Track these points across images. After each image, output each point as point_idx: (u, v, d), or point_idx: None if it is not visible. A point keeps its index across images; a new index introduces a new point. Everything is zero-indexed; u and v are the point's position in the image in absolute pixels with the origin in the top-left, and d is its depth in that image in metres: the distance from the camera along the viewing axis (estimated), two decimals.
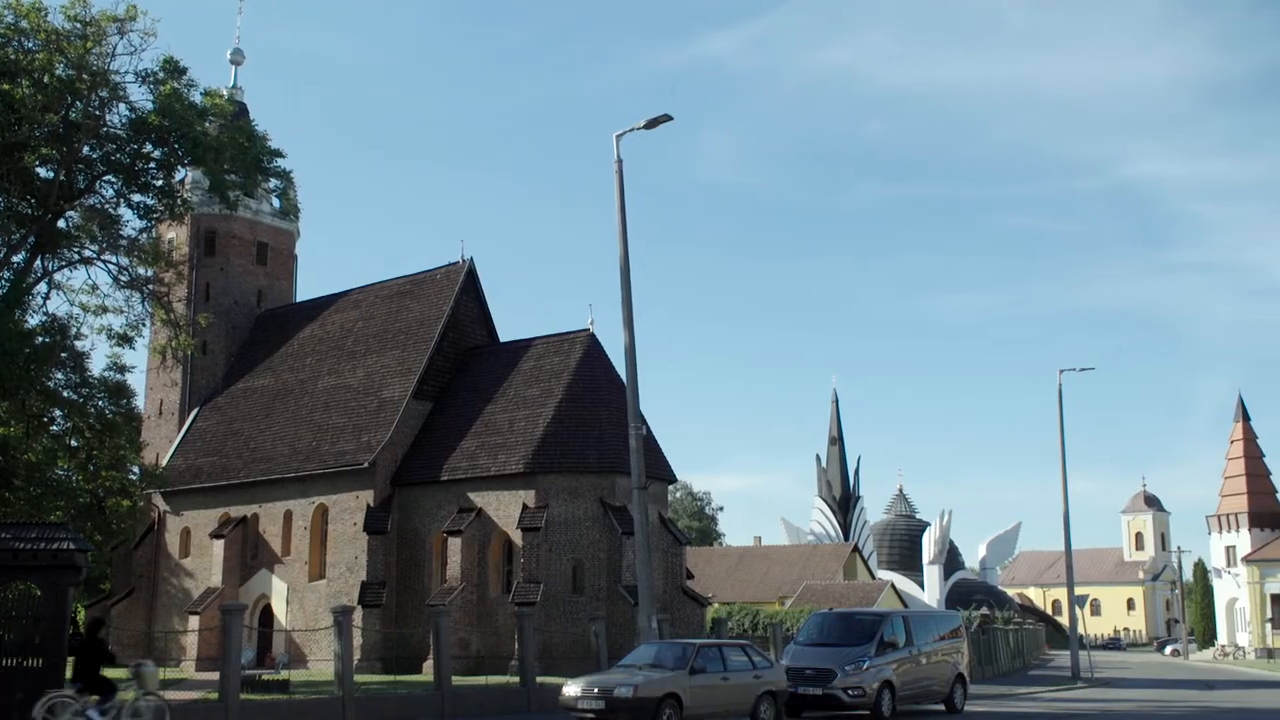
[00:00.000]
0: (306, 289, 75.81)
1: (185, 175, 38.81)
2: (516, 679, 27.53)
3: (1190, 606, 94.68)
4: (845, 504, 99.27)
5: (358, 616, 34.54)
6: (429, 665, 30.29)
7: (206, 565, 45.77)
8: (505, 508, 39.14)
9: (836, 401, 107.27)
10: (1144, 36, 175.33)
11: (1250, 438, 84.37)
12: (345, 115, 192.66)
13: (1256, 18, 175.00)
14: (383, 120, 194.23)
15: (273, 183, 40.11)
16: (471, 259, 46.26)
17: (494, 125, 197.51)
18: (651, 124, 24.62)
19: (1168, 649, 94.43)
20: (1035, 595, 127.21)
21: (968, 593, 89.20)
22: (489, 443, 40.64)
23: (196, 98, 31.60)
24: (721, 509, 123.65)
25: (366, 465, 41.67)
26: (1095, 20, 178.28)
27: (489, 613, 38.85)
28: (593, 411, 39.75)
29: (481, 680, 30.34)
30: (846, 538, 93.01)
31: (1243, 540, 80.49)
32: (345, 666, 22.09)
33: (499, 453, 39.96)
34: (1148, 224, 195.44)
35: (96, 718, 16.24)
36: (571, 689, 20.24)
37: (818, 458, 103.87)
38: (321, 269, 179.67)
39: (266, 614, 44.29)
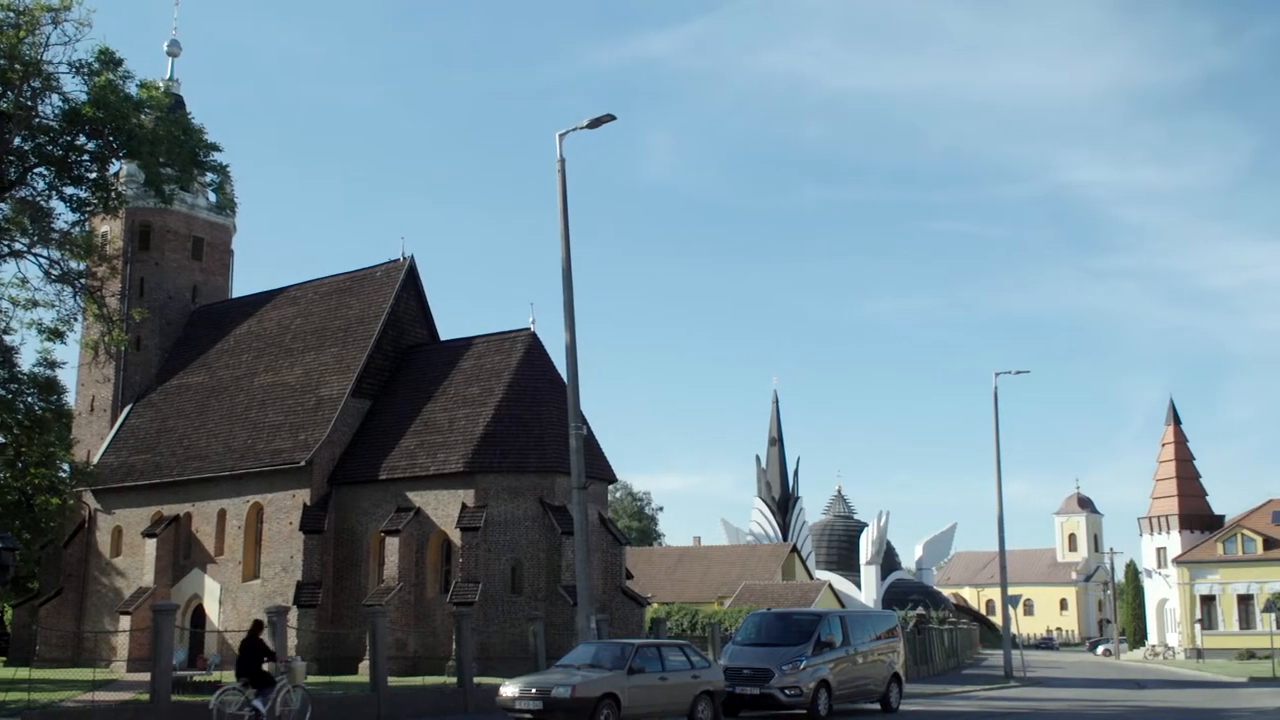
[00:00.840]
0: (243, 285, 74.96)
1: (120, 168, 38.22)
2: (454, 679, 27.36)
3: (1122, 607, 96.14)
4: (784, 504, 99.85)
5: (292, 617, 34.20)
6: (365, 666, 30.01)
7: (138, 564, 45.05)
8: (444, 507, 38.90)
9: (777, 403, 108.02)
10: (1078, 46, 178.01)
11: (1181, 441, 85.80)
12: (284, 110, 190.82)
13: (1186, 29, 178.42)
14: (322, 115, 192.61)
15: (209, 177, 39.62)
16: (412, 256, 45.98)
17: (435, 122, 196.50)
18: (595, 124, 24.55)
19: (1099, 649, 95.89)
20: (970, 595, 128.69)
21: (904, 593, 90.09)
22: (428, 442, 40.37)
23: (132, 89, 31.10)
24: (661, 509, 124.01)
25: (303, 464, 41.21)
26: (1032, 29, 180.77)
27: (427, 613, 38.60)
28: (533, 411, 39.61)
29: (419, 681, 30.15)
30: (785, 538, 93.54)
31: (1173, 542, 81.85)
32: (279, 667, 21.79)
33: (438, 452, 39.71)
34: (1081, 230, 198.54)
35: (260, 706, 19.00)
36: (509, 689, 20.15)
37: (757, 459, 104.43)
38: (259, 265, 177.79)
39: (199, 614, 43.66)
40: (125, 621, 42.34)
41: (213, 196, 51.58)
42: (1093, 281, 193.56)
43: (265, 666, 19.58)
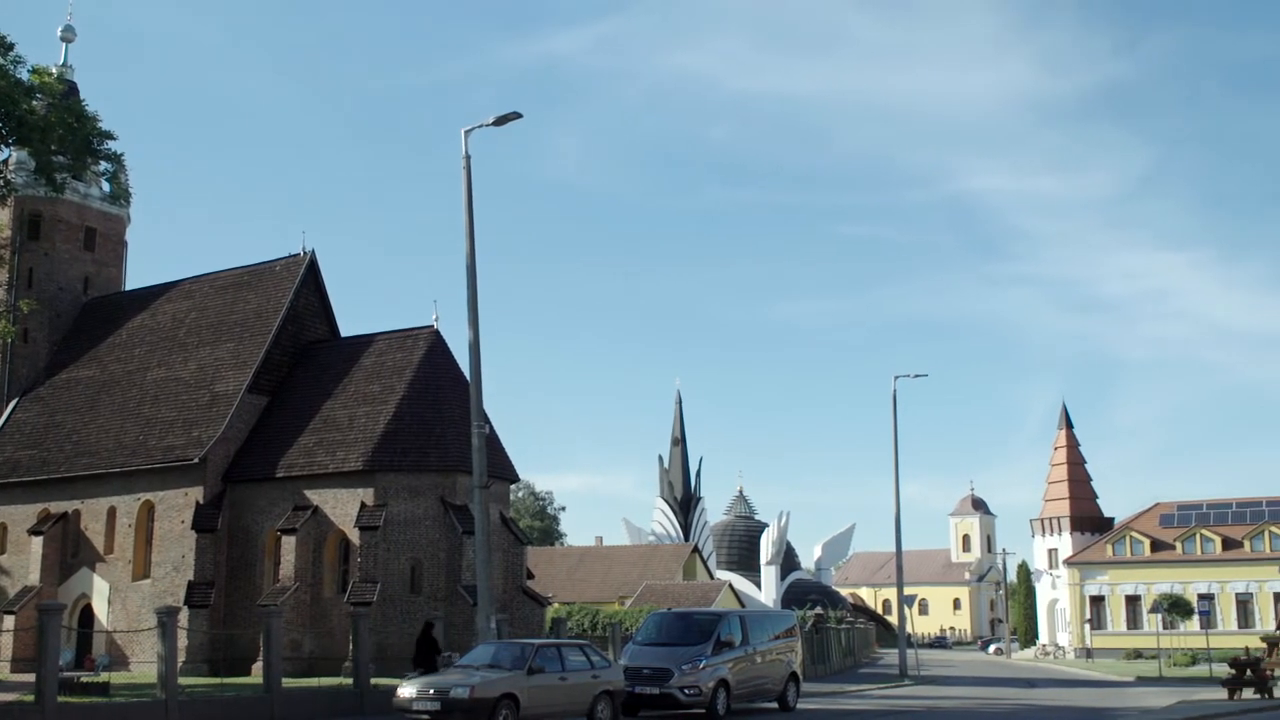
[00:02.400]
0: (137, 277, 73.32)
1: (9, 155, 37.01)
2: (350, 681, 27.02)
3: (1013, 607, 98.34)
4: (686, 505, 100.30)
5: (183, 617, 33.51)
6: (259, 667, 29.49)
7: (24, 563, 43.71)
8: (343, 506, 38.38)
9: (680, 403, 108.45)
10: (979, 55, 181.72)
11: (1073, 444, 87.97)
12: (183, 100, 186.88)
13: (1084, 42, 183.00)
14: (222, 105, 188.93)
15: (103, 166, 38.53)
16: (313, 251, 45.25)
17: (338, 114, 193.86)
18: (500, 121, 24.45)
19: (991, 648, 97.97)
20: (867, 595, 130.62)
21: (803, 592, 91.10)
22: (327, 439, 39.80)
23: (23, 75, 30.15)
24: (564, 509, 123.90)
25: (196, 461, 40.34)
26: (935, 37, 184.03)
27: (323, 613, 38.05)
28: (435, 409, 39.27)
29: (314, 682, 29.72)
30: (687, 538, 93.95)
31: (1064, 543, 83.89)
32: (169, 668, 21.33)
33: (337, 450, 39.17)
34: (980, 236, 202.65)
35: None
36: (406, 690, 19.98)
37: (660, 458, 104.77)
38: (154, 257, 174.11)
39: (87, 614, 42.50)
40: (9, 621, 41.05)
41: (106, 186, 50.19)
42: (991, 287, 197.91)
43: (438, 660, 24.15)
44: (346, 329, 45.93)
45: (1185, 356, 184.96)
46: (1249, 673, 30.10)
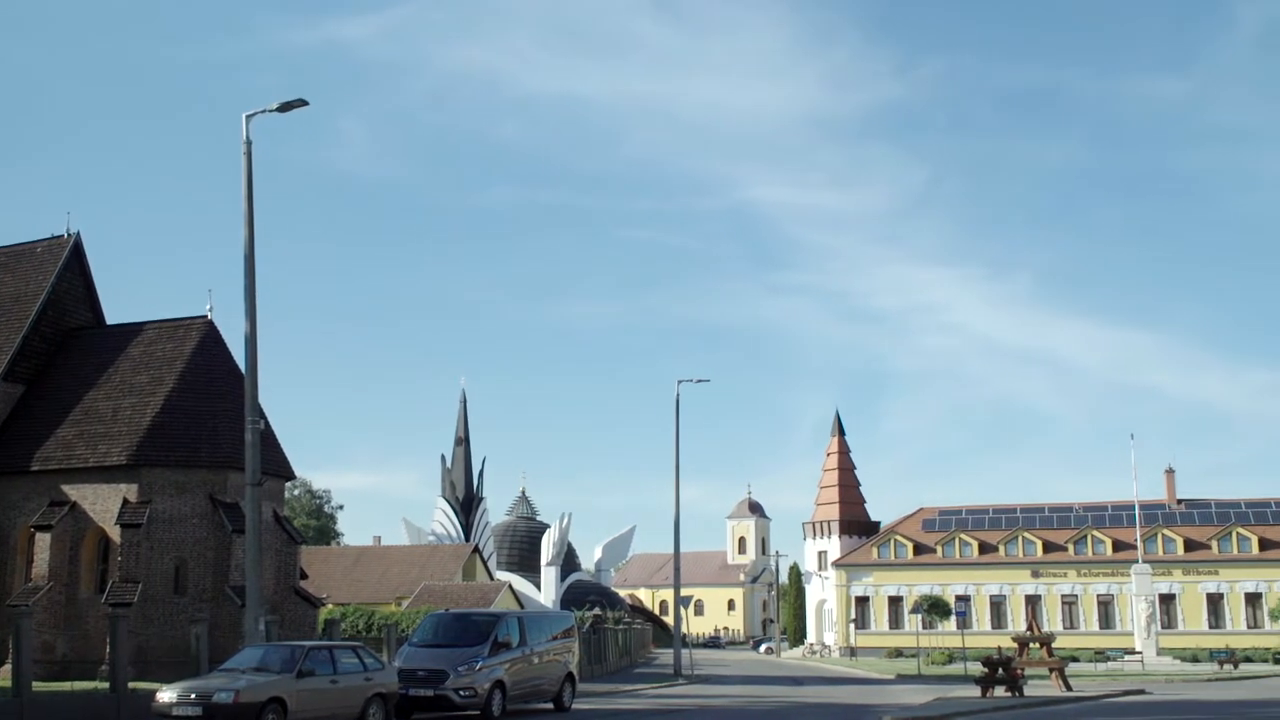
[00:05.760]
0: None
1: None
2: (107, 685, 25.77)
3: (784, 607, 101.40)
4: (468, 505, 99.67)
5: None
6: (9, 670, 27.79)
7: None
8: (104, 502, 36.53)
9: (465, 402, 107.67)
10: (765, 69, 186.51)
11: (844, 451, 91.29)
12: None
13: (863, 63, 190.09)
14: None
15: None
16: (78, 233, 42.83)
17: (108, 91, 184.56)
18: (285, 107, 23.74)
19: (762, 647, 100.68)
20: (646, 596, 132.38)
21: (583, 593, 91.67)
22: (89, 432, 37.84)
23: None
24: (341, 507, 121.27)
25: None
26: (722, 50, 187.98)
27: (79, 614, 36.13)
28: (207, 403, 37.83)
29: (68, 686, 28.23)
30: (468, 539, 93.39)
31: (834, 546, 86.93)
32: None
33: (99, 443, 37.29)
34: (763, 246, 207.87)
35: None
36: (166, 694, 19.16)
37: (443, 458, 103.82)
38: None
39: None
40: None
41: None
42: (772, 296, 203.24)
43: None
44: (115, 317, 43.73)
45: (952, 369, 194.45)
46: (1001, 671, 31.77)
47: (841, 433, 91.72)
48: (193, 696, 18.77)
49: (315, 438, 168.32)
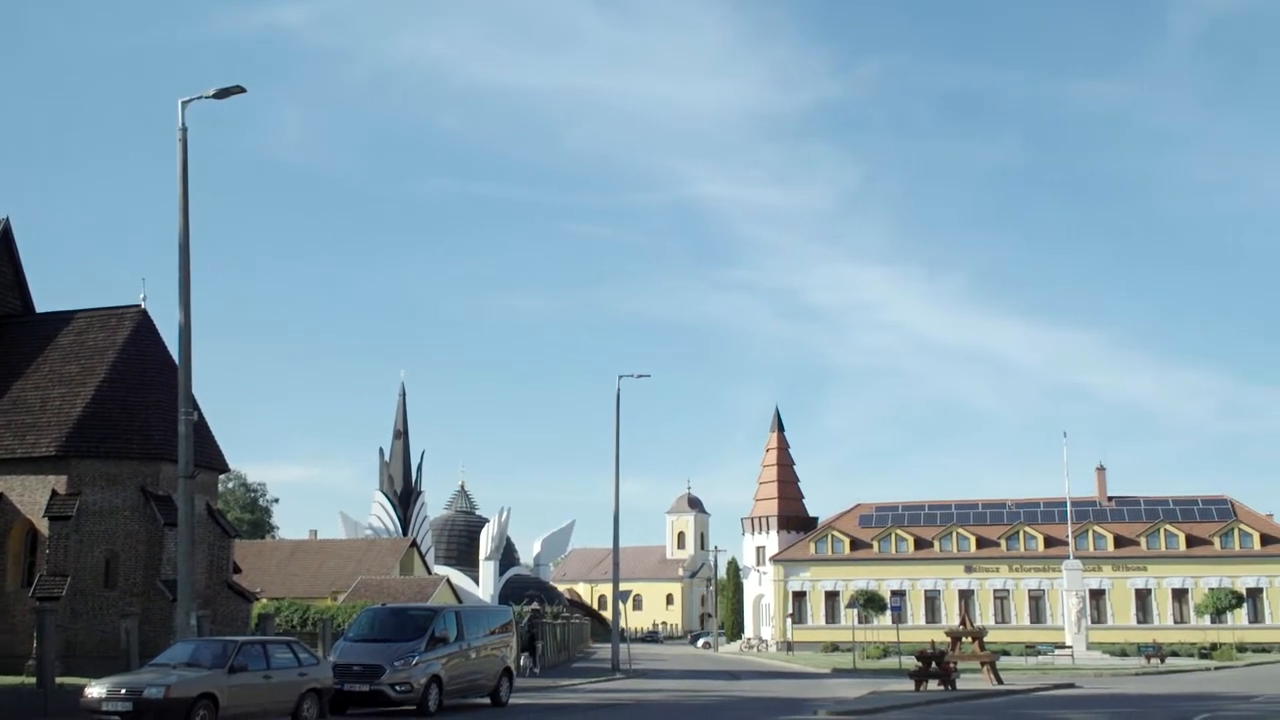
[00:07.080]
0: None
1: None
2: (33, 680, 25.34)
3: (722, 602, 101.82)
4: (407, 499, 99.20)
5: None
6: None
7: None
8: (31, 493, 35.80)
9: (404, 395, 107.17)
10: (709, 66, 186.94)
11: (783, 447, 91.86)
12: None
13: (803, 62, 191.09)
14: None
15: None
16: (7, 219, 41.90)
17: (40, 76, 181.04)
18: (222, 94, 23.39)
19: (700, 642, 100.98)
20: (584, 591, 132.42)
21: (521, 588, 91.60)
22: (16, 422, 37.05)
23: None
24: (277, 501, 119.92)
25: None
26: (666, 46, 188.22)
27: (5, 608, 35.36)
28: (139, 394, 37.20)
29: None
30: (406, 532, 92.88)
31: (772, 541, 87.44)
32: None
33: (27, 433, 36.53)
34: (705, 242, 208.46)
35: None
36: (95, 690, 18.82)
37: (381, 451, 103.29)
38: None
39: None
40: None
41: None
42: (714, 292, 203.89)
43: None
44: (45, 305, 42.88)
45: (889, 366, 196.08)
46: (934, 665, 32.15)
47: (781, 429, 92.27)
48: (123, 692, 18.47)
49: (251, 430, 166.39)
